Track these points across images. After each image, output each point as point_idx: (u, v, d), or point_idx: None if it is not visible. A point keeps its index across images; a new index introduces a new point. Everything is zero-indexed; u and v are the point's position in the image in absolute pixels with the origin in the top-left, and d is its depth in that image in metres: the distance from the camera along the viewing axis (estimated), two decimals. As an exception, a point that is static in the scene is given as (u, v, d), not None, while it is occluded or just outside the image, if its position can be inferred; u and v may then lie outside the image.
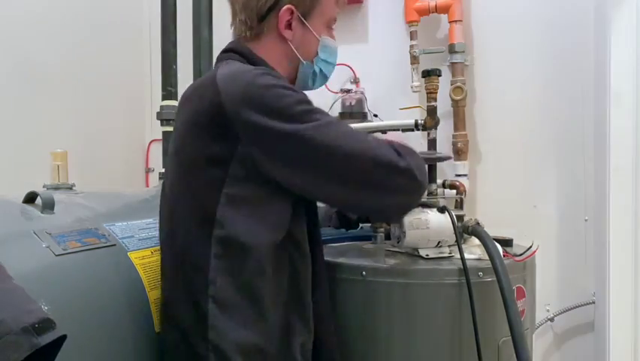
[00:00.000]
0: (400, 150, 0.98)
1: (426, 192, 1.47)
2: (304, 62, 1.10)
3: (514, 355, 1.07)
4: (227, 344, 0.92)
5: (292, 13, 1.05)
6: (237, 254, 0.93)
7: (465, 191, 1.51)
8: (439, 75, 1.50)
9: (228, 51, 1.08)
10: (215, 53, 1.89)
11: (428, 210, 1.27)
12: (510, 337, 1.08)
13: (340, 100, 2.02)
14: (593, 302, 1.91)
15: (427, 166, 1.11)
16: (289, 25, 1.06)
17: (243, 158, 0.92)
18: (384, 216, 1.23)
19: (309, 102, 0.97)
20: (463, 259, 1.14)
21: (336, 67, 1.24)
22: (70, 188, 1.25)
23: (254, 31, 1.07)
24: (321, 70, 1.13)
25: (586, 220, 1.95)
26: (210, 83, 0.95)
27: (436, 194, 1.46)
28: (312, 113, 0.94)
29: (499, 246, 1.18)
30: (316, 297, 1.05)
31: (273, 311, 0.95)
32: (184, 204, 0.99)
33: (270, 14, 1.05)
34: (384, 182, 0.96)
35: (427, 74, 1.48)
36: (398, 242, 1.27)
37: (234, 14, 1.11)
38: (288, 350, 0.98)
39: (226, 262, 0.94)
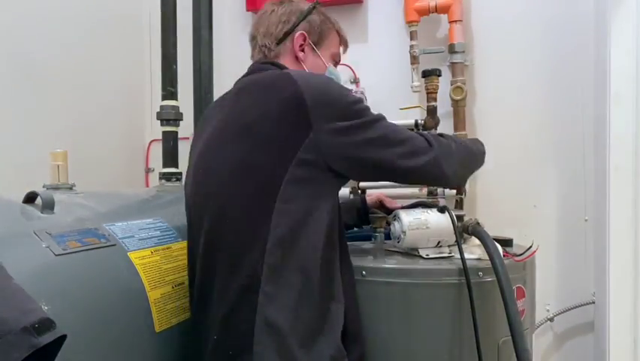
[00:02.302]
0: (434, 141, 1.14)
1: (426, 192, 1.48)
2: None
3: (514, 355, 1.08)
4: (274, 309, 0.99)
5: (305, 39, 1.24)
6: (294, 229, 1.02)
7: (465, 191, 1.51)
8: (439, 75, 1.50)
9: (266, 63, 1.22)
10: (216, 52, 1.91)
11: (428, 210, 1.28)
12: (510, 337, 1.08)
13: (340, 100, 2.02)
14: (593, 302, 1.91)
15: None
16: (302, 49, 1.24)
17: (311, 144, 1.02)
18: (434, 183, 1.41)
19: (362, 101, 1.13)
20: (463, 259, 1.14)
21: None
22: (70, 188, 1.25)
23: (272, 52, 1.24)
24: None
25: (586, 220, 1.95)
26: (283, 78, 1.08)
27: (436, 194, 1.47)
28: (367, 110, 1.11)
29: (499, 246, 1.18)
30: (345, 280, 1.11)
31: (318, 285, 1.02)
32: (249, 179, 1.05)
33: (286, 38, 1.23)
34: (418, 171, 1.12)
35: (427, 74, 1.48)
36: (398, 242, 1.27)
37: (255, 44, 1.27)
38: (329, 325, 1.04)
39: (283, 235, 1.01)
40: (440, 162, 1.12)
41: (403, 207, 1.38)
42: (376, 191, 1.74)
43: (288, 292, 1.00)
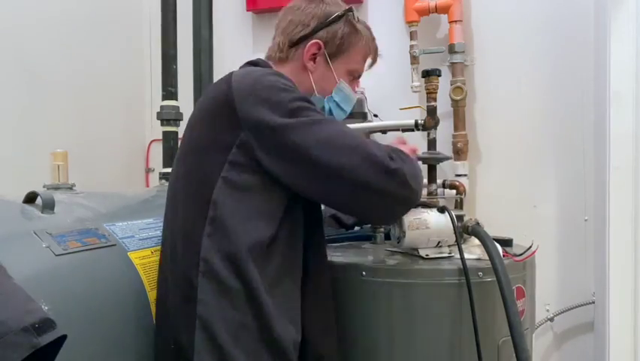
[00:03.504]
0: (393, 153, 1.01)
1: (426, 192, 1.48)
2: (317, 95, 1.16)
3: (514, 355, 1.07)
4: (214, 319, 0.94)
5: (320, 48, 1.13)
6: (224, 235, 0.97)
7: (465, 191, 1.51)
8: (439, 75, 1.50)
9: (249, 63, 1.16)
10: (216, 52, 1.91)
11: (428, 210, 1.27)
12: (510, 337, 1.08)
13: (340, 100, 2.02)
14: (593, 302, 1.91)
15: (423, 170, 1.12)
16: (314, 59, 1.14)
17: (243, 145, 0.97)
18: (371, 219, 1.22)
19: (307, 101, 1.02)
20: (463, 259, 1.14)
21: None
22: (70, 188, 1.25)
23: (283, 54, 1.15)
24: (330, 110, 1.19)
25: (586, 220, 1.95)
26: (225, 80, 1.04)
27: (436, 194, 1.46)
28: (308, 110, 0.99)
29: (499, 246, 1.18)
30: (308, 288, 1.05)
31: (259, 294, 0.95)
32: (186, 186, 1.04)
33: (300, 43, 1.14)
34: (373, 181, 0.98)
35: (427, 74, 1.47)
36: (398, 242, 1.27)
37: (274, 37, 1.19)
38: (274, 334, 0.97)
39: (216, 242, 0.97)
40: (402, 179, 0.98)
41: (403, 207, 1.38)
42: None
43: (228, 302, 0.95)
